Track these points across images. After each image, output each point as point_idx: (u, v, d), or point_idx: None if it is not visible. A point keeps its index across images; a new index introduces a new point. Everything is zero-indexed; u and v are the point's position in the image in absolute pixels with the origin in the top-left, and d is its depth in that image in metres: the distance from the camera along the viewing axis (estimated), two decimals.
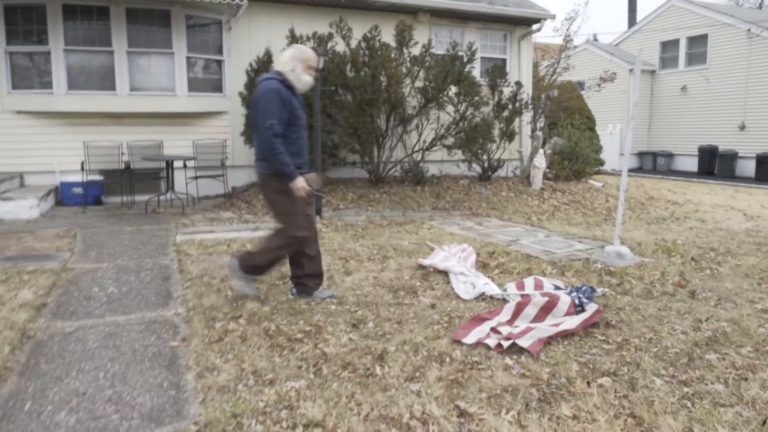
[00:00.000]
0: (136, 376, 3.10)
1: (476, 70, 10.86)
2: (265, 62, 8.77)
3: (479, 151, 9.63)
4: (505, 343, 3.34)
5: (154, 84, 9.12)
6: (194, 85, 9.36)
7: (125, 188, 8.96)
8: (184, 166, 8.95)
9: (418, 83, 9.29)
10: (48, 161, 8.80)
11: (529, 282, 4.50)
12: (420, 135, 9.95)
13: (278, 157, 3.80)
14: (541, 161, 9.74)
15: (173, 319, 4.01)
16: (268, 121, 3.76)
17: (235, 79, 9.57)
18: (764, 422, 2.40)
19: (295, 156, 3.94)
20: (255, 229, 7.03)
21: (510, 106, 10.57)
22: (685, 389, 2.85)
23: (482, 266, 5.11)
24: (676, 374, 3.03)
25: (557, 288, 4.38)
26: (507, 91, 10.77)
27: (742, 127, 16.44)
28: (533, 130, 11.22)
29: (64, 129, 8.87)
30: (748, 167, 15.82)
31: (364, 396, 2.83)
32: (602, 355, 3.29)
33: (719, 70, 17.17)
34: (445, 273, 4.85)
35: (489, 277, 4.80)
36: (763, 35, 16.05)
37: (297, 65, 3.88)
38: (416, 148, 9.91)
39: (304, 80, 3.94)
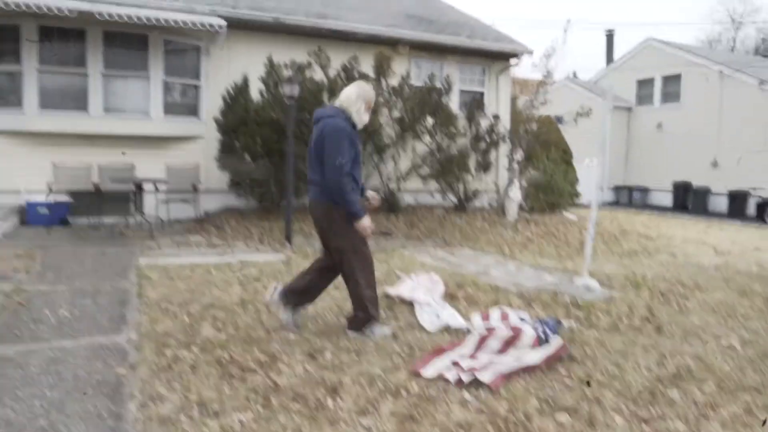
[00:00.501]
0: (74, 405, 2.92)
1: (454, 103, 10.97)
2: (242, 89, 8.75)
3: (454, 182, 9.63)
4: (466, 378, 3.23)
5: (128, 106, 9.03)
6: (170, 109, 9.28)
7: (93, 210, 8.76)
8: (156, 189, 8.79)
9: (396, 113, 9.31)
10: (14, 181, 8.58)
11: (494, 314, 4.41)
12: (396, 164, 9.94)
13: (349, 196, 3.81)
14: (515, 193, 9.77)
15: (124, 345, 3.84)
16: (339, 160, 3.74)
17: (211, 103, 9.51)
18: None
19: (357, 190, 3.97)
20: (221, 254, 6.89)
21: (487, 139, 10.64)
22: (645, 428, 2.76)
23: (449, 297, 5.02)
24: (637, 411, 2.94)
25: (523, 320, 4.30)
26: (484, 124, 10.86)
27: (715, 164, 16.77)
28: (510, 162, 11.28)
29: (34, 149, 8.70)
30: (720, 203, 16.08)
31: (311, 430, 2.69)
32: (563, 391, 3.19)
33: (693, 108, 17.59)
34: (410, 303, 4.75)
35: (455, 308, 4.70)
36: (734, 76, 16.51)
37: (361, 105, 3.91)
38: (392, 177, 9.88)
39: (364, 119, 3.98)
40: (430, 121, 9.36)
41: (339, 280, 5.43)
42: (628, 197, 18.45)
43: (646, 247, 8.28)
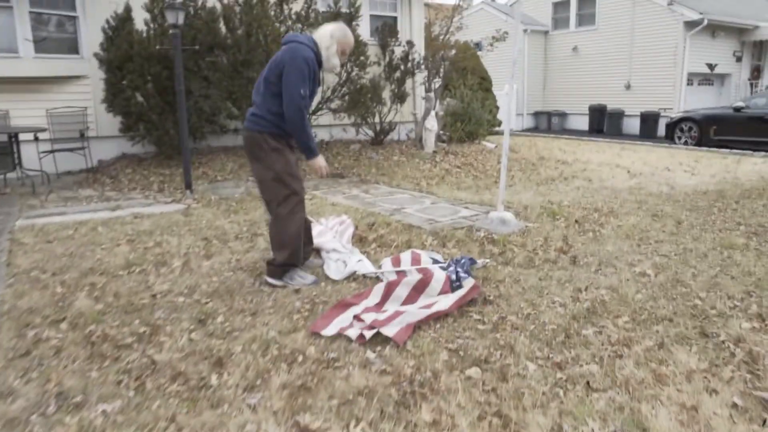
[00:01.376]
0: None
1: (365, 29, 10.31)
2: (124, 19, 7.73)
3: (367, 115, 9.16)
4: (368, 333, 2.94)
5: None
6: (43, 46, 8.14)
7: None
8: (35, 138, 7.80)
9: None
10: None
11: (405, 256, 4.12)
12: None
13: (307, 130, 3.59)
14: (432, 123, 9.44)
15: None
16: (302, 90, 3.46)
17: (93, 38, 8.39)
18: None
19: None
20: (114, 208, 6.21)
21: (402, 67, 10.15)
22: (559, 375, 2.57)
23: (359, 240, 4.69)
24: (551, 355, 2.76)
25: (436, 262, 4.04)
26: (398, 51, 10.32)
27: (628, 87, 17.07)
28: (427, 92, 10.89)
29: None
30: (633, 125, 16.50)
31: (189, 417, 2.31)
32: (475, 339, 2.97)
33: (607, 31, 17.65)
34: (317, 250, 4.38)
35: (365, 252, 4.39)
36: None
37: (333, 45, 3.61)
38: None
39: (332, 62, 3.68)
40: None
41: (236, 228, 4.97)
42: (547, 122, 18.61)
43: (563, 173, 8.24)
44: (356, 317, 3.09)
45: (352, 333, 2.97)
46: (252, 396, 2.46)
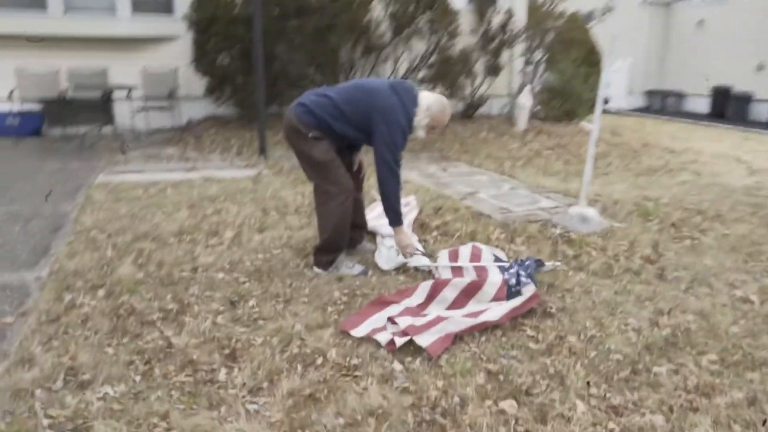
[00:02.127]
0: None
1: None
2: None
3: (455, 87, 8.62)
4: (399, 341, 2.62)
5: (92, 3, 8.09)
6: (139, 6, 8.31)
7: (68, 119, 8.12)
8: (128, 96, 8.06)
9: (391, 7, 8.19)
10: None
11: (464, 251, 3.72)
12: (396, 67, 8.93)
13: (395, 202, 3.45)
14: (526, 99, 8.74)
15: (30, 284, 3.33)
16: (399, 144, 3.32)
17: None
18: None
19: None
20: (189, 170, 6.26)
21: (499, 37, 9.46)
22: (612, 424, 2.12)
23: (420, 226, 4.34)
24: (608, 395, 2.31)
25: (498, 260, 3.61)
26: (496, 20, 9.62)
27: (761, 68, 15.07)
28: (526, 64, 10.13)
29: None
30: (763, 111, 14.58)
31: (182, 416, 2.13)
32: (522, 361, 2.56)
33: (739, 4, 15.59)
34: (372, 234, 4.09)
35: (423, 241, 4.04)
36: None
37: (426, 119, 3.34)
38: None
39: (417, 133, 3.41)
40: (427, 16, 8.21)
41: (299, 200, 4.77)
42: (662, 103, 16.92)
43: (668, 163, 7.33)
44: (390, 319, 2.78)
45: (383, 337, 2.67)
46: (254, 400, 2.24)
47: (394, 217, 3.46)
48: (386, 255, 3.72)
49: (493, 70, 9.26)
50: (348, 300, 3.13)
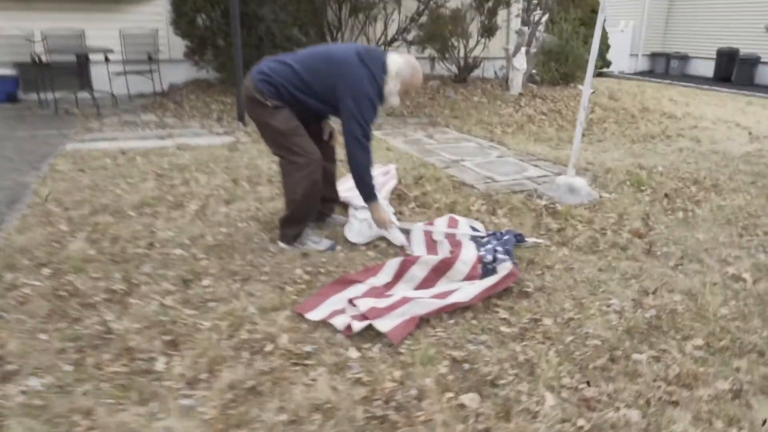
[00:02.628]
0: None
1: None
2: None
3: (445, 49, 8.25)
4: (357, 325, 2.40)
5: None
6: None
7: (44, 84, 7.81)
8: (106, 59, 7.71)
9: None
10: None
11: (441, 222, 3.49)
12: (386, 27, 8.54)
13: (366, 178, 3.20)
14: (521, 62, 8.36)
15: None
16: (366, 117, 3.05)
17: None
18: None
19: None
20: (164, 137, 5.99)
21: None
22: (581, 420, 1.92)
23: (398, 197, 4.09)
24: (580, 386, 2.10)
25: (475, 231, 3.38)
26: None
27: None
28: (523, 25, 9.70)
29: None
30: None
31: (108, 413, 1.93)
32: (491, 347, 2.35)
33: None
34: (345, 206, 3.85)
35: (398, 213, 3.79)
36: None
37: (397, 85, 3.07)
38: (379, 43, 8.54)
39: (390, 102, 3.14)
40: None
41: (274, 169, 4.50)
42: (665, 66, 16.42)
43: (666, 129, 7.01)
44: (350, 301, 2.56)
45: (340, 321, 2.45)
46: (190, 394, 2.03)
47: (368, 192, 3.23)
48: (357, 228, 3.49)
49: (489, 30, 8.86)
50: (310, 279, 2.91)
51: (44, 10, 7.83)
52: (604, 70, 14.70)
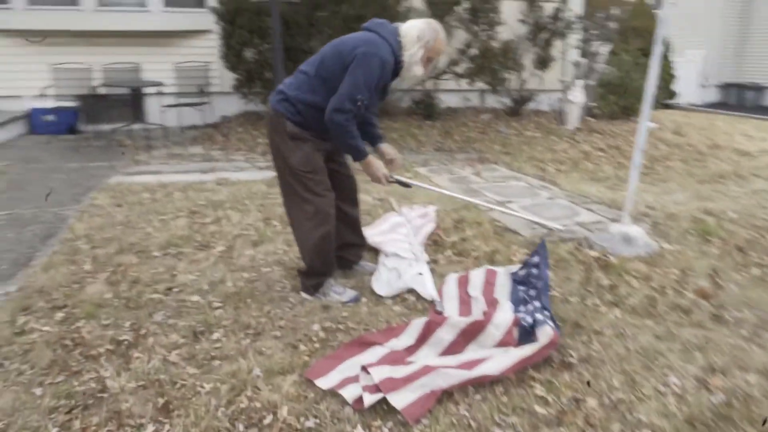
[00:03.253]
0: None
1: None
2: None
3: (495, 82, 7.97)
4: (369, 399, 2.12)
5: None
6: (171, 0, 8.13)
7: (102, 116, 8.07)
8: (159, 92, 7.90)
9: None
10: (16, 85, 7.97)
11: (477, 276, 3.17)
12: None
13: (348, 134, 2.76)
14: (577, 95, 7.97)
15: None
16: (359, 96, 2.67)
17: None
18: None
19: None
20: (207, 171, 5.97)
21: (550, 27, 8.72)
22: None
23: (434, 243, 3.81)
24: None
25: (522, 289, 3.04)
26: (550, 8, 8.88)
27: None
28: (583, 56, 9.31)
29: (30, 50, 7.97)
30: None
31: None
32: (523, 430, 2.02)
33: None
34: (376, 252, 3.60)
35: (433, 262, 3.51)
36: None
37: (419, 50, 2.74)
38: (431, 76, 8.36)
39: (413, 72, 2.80)
40: (465, 5, 7.59)
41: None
42: (739, 97, 15.47)
43: (739, 168, 6.43)
44: (364, 368, 2.28)
45: (350, 393, 2.18)
46: None
47: (355, 153, 2.88)
48: (386, 278, 3.23)
49: (543, 62, 8.53)
50: (326, 336, 2.66)
51: (105, 44, 8.13)
52: (670, 101, 13.99)
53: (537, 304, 2.76)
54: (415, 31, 2.73)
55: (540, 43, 8.49)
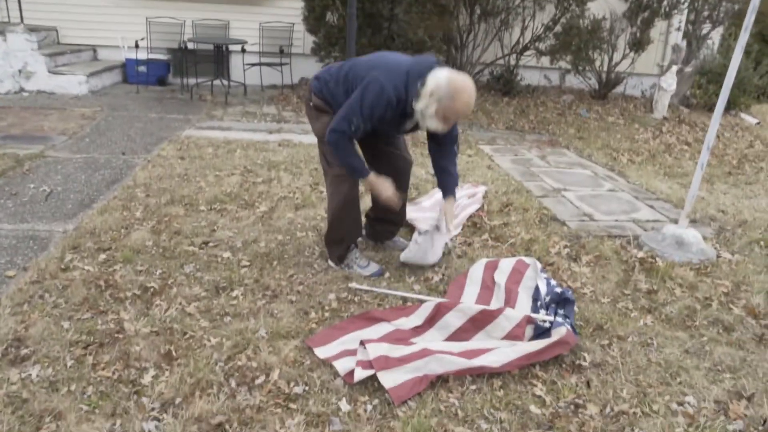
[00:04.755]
0: None
1: None
2: None
3: (579, 63, 7.51)
4: (360, 374, 2.14)
5: None
6: None
7: (185, 70, 8.43)
8: (243, 50, 8.11)
9: None
10: (115, 36, 8.46)
11: (506, 265, 3.06)
12: (523, 33, 8.02)
13: (344, 154, 2.76)
14: (670, 82, 7.35)
15: (54, 237, 3.33)
16: (352, 118, 2.63)
17: None
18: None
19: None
20: (274, 131, 6.11)
21: (654, 5, 8.07)
22: None
23: (473, 225, 3.71)
24: None
25: (548, 283, 2.91)
26: None
27: None
28: (686, 39, 8.59)
29: (130, 2, 8.40)
30: None
31: (75, 422, 1.89)
32: (508, 430, 1.96)
33: None
34: (412, 228, 3.56)
35: (467, 245, 3.43)
36: None
37: (431, 106, 2.55)
38: (512, 51, 8.04)
39: (427, 124, 2.65)
40: None
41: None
42: None
43: None
44: (362, 343, 2.29)
45: (343, 366, 2.20)
46: (158, 417, 1.92)
47: (351, 172, 2.82)
48: (414, 251, 3.19)
49: (639, 44, 7.93)
50: (338, 306, 2.69)
51: (197, 1, 8.41)
52: None
53: (560, 311, 2.62)
54: (432, 85, 2.53)
55: (638, 22, 7.89)
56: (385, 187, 2.83)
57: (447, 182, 3.00)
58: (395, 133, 2.98)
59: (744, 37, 3.17)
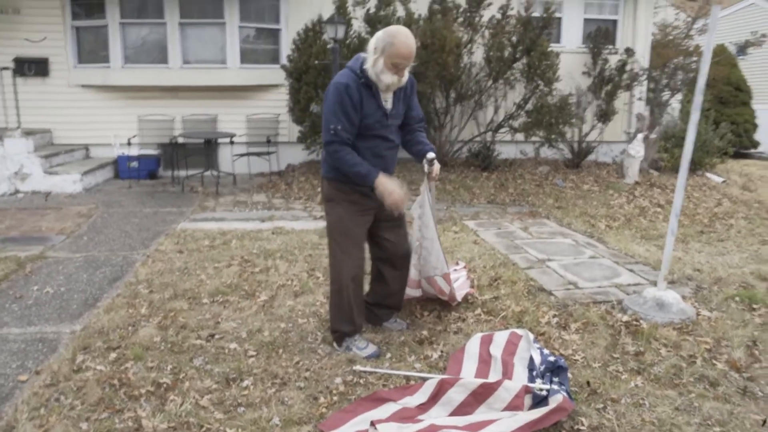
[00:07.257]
0: None
1: (575, 35, 9.13)
2: (315, 32, 7.91)
3: (552, 136, 7.99)
4: None
5: (206, 56, 8.74)
6: (247, 57, 8.83)
7: (175, 163, 8.77)
8: (231, 142, 8.50)
9: (491, 52, 7.86)
10: (107, 134, 8.84)
11: (500, 338, 3.23)
12: (497, 111, 8.53)
13: (346, 163, 2.91)
14: (638, 149, 7.82)
15: (62, 338, 3.43)
16: (333, 125, 2.85)
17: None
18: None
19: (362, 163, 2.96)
20: (266, 219, 6.35)
21: (615, 79, 8.69)
22: None
23: (465, 302, 3.90)
24: None
25: (542, 353, 3.06)
26: (614, 60, 8.88)
27: None
28: (648, 107, 9.18)
29: (122, 102, 8.85)
30: None
31: None
32: None
33: None
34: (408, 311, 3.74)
35: (461, 320, 3.60)
36: None
37: (379, 59, 2.75)
38: (487, 129, 8.53)
39: (384, 82, 2.81)
40: (523, 61, 7.75)
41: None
42: None
43: None
44: (373, 423, 2.41)
45: None
46: None
47: (363, 179, 2.92)
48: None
49: (605, 115, 8.48)
50: (345, 390, 2.81)
51: (187, 98, 8.89)
52: (753, 151, 13.39)
53: (555, 379, 2.77)
54: (372, 43, 2.78)
55: (602, 95, 8.47)
56: (393, 189, 2.91)
57: (423, 146, 3.13)
58: (386, 122, 2.98)
59: (698, 99, 3.46)
